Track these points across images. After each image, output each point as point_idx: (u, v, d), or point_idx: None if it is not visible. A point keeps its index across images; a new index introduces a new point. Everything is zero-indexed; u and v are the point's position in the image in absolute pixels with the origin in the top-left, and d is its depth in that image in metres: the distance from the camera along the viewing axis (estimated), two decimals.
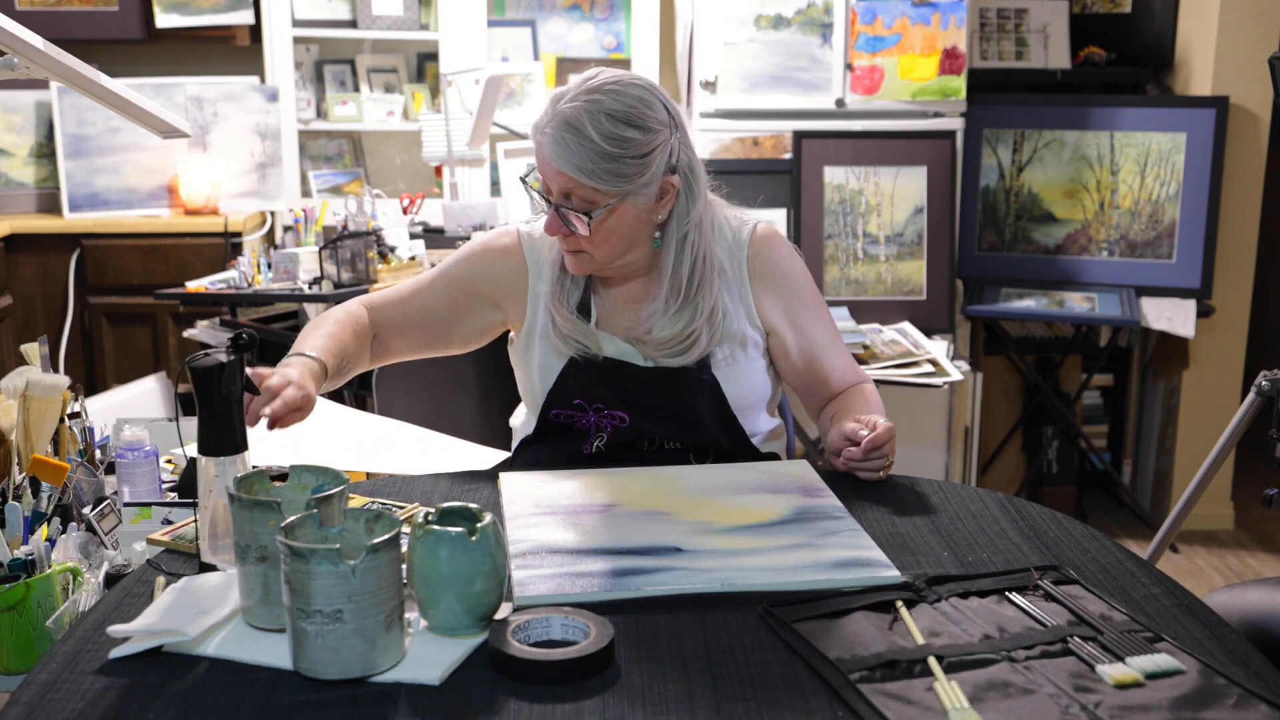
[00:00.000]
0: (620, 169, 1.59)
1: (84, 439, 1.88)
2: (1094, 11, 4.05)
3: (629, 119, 1.58)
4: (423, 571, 1.14)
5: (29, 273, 3.77)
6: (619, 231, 1.64)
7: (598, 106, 1.58)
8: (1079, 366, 4.06)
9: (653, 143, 1.60)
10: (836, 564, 1.30)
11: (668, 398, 1.71)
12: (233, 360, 1.28)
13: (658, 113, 1.62)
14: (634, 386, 1.71)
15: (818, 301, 1.81)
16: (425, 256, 3.27)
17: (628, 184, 1.60)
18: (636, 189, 1.61)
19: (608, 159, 1.58)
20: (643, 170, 1.60)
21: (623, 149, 1.58)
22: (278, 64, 3.91)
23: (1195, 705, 1.03)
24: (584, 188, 1.59)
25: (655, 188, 1.63)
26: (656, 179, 1.63)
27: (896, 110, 3.52)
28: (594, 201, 1.60)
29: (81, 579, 1.47)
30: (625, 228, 1.64)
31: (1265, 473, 3.96)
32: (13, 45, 1.73)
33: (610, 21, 4.02)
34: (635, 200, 1.62)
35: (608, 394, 1.71)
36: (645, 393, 1.71)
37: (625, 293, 1.75)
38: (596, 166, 1.57)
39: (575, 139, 1.57)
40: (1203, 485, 2.78)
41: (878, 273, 3.53)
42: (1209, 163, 3.60)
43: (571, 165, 1.58)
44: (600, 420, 1.73)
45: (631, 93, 1.60)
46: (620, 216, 1.63)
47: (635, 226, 1.65)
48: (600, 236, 1.63)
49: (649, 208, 1.65)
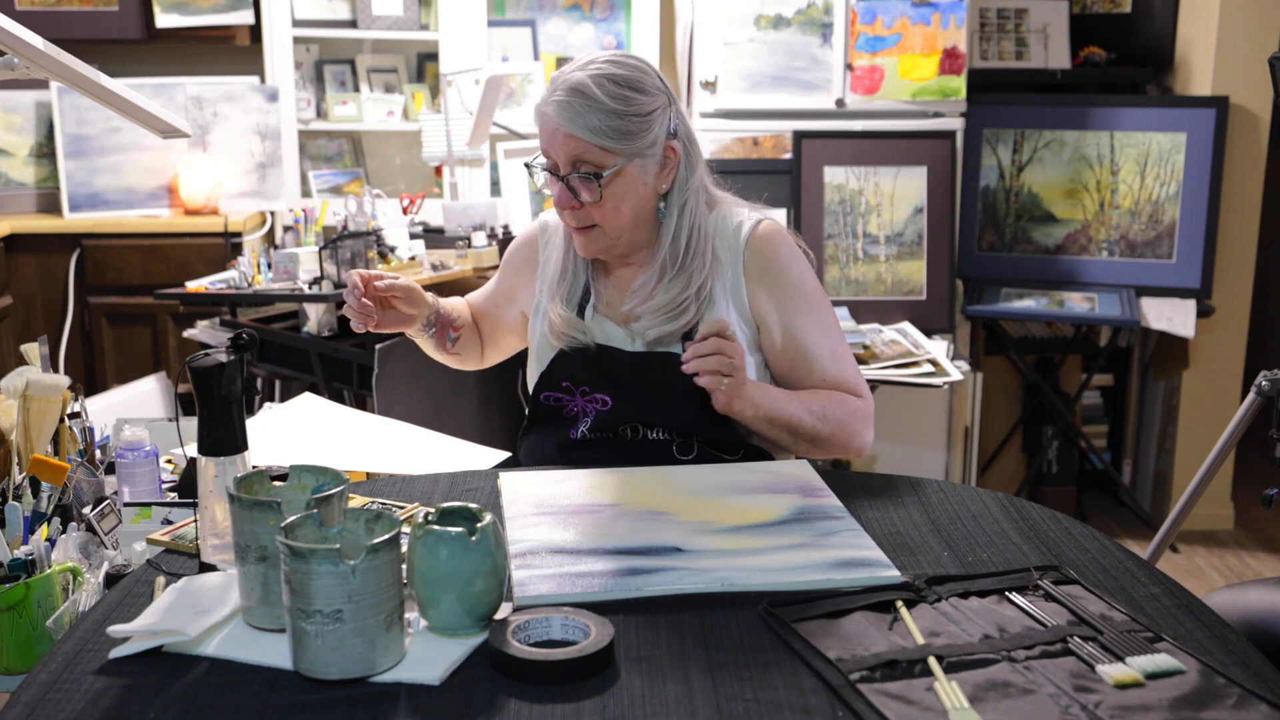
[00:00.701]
0: (626, 127, 1.66)
1: (84, 439, 1.88)
2: (1094, 11, 4.05)
3: (629, 83, 1.67)
4: (423, 571, 1.14)
5: (29, 273, 3.77)
6: (628, 198, 1.70)
7: (600, 72, 1.66)
8: (1079, 366, 4.06)
9: (654, 104, 1.68)
10: (836, 564, 1.30)
11: (650, 382, 1.74)
12: (233, 360, 1.28)
13: (655, 81, 1.71)
14: (619, 371, 1.76)
15: (814, 304, 1.79)
16: (425, 257, 3.27)
17: (633, 143, 1.67)
18: (641, 149, 1.68)
19: (614, 116, 1.65)
20: (646, 129, 1.67)
21: (627, 107, 1.65)
22: (278, 64, 3.91)
23: (1195, 705, 1.03)
24: (592, 149, 1.66)
25: (659, 151, 1.70)
26: (660, 141, 1.70)
27: (896, 110, 3.52)
28: (602, 164, 1.67)
29: (81, 579, 1.47)
30: (633, 194, 1.70)
31: (1265, 473, 3.97)
32: (13, 45, 1.73)
33: (610, 21, 4.02)
34: (641, 164, 1.69)
35: (593, 377, 1.77)
36: (628, 376, 1.75)
37: (623, 277, 1.81)
38: (604, 124, 1.64)
39: (582, 101, 1.64)
40: (1203, 485, 2.78)
41: (878, 273, 3.53)
42: (1209, 163, 3.60)
43: (580, 126, 1.64)
44: (585, 405, 1.77)
45: (629, 62, 1.70)
46: (628, 180, 1.69)
47: (641, 194, 1.71)
48: (610, 204, 1.69)
49: (655, 173, 1.71)
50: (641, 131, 1.67)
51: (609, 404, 1.76)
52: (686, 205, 1.75)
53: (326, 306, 3.14)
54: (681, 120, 1.74)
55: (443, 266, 3.23)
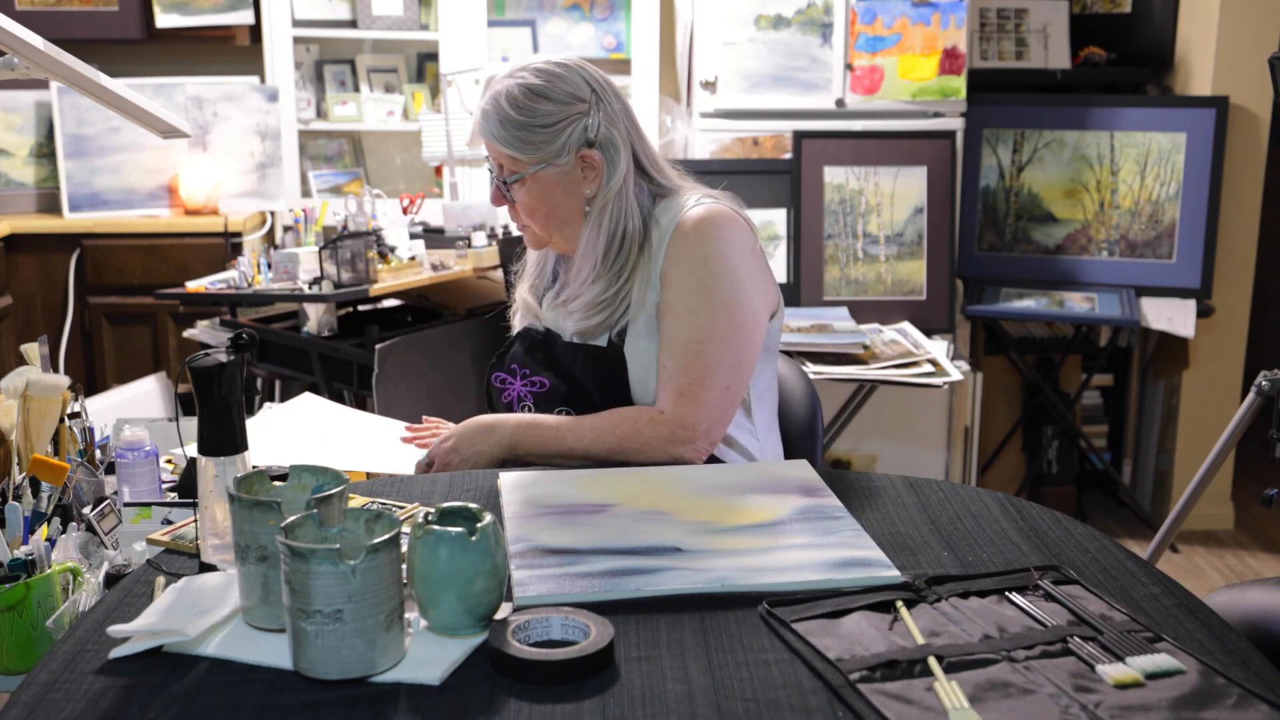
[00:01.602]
0: (529, 137, 1.73)
1: (84, 439, 1.88)
2: (1094, 11, 4.05)
3: (542, 92, 1.73)
4: (423, 571, 1.14)
5: (29, 273, 3.77)
6: (546, 202, 1.77)
7: (516, 82, 1.74)
8: (1079, 366, 4.06)
9: (560, 114, 1.73)
10: (836, 564, 1.30)
11: (575, 369, 1.79)
12: (233, 360, 1.28)
13: (574, 89, 1.74)
14: (556, 355, 1.81)
15: (698, 293, 1.71)
16: (425, 257, 3.27)
17: (538, 152, 1.74)
18: (547, 157, 1.74)
19: (517, 127, 1.73)
20: (550, 139, 1.73)
21: (531, 118, 1.72)
22: (278, 64, 3.91)
23: (1195, 705, 1.03)
24: (505, 156, 1.76)
25: (570, 159, 1.75)
26: (569, 150, 1.74)
27: (896, 110, 3.52)
28: (514, 170, 1.76)
29: (81, 579, 1.47)
30: (551, 198, 1.77)
31: (1265, 473, 3.97)
32: (13, 45, 1.73)
33: (610, 21, 4.02)
34: (553, 171, 1.75)
35: (536, 361, 1.83)
36: (563, 362, 1.80)
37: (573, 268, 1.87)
38: (509, 134, 1.73)
39: (494, 110, 1.74)
40: (1203, 485, 2.78)
41: (878, 273, 3.53)
42: (1209, 163, 3.60)
43: (490, 134, 1.75)
44: (523, 389, 1.83)
45: (551, 70, 1.75)
46: (543, 186, 1.76)
47: (561, 198, 1.77)
48: (530, 205, 1.78)
49: (574, 180, 1.76)
50: (544, 142, 1.73)
51: (546, 385, 1.81)
52: (608, 210, 1.77)
53: (326, 306, 3.14)
54: (609, 125, 1.75)
55: (443, 266, 3.23)
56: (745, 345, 1.74)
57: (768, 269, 1.83)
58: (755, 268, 1.78)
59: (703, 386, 1.70)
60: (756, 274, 1.78)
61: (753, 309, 1.75)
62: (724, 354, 1.71)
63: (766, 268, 1.83)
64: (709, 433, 1.71)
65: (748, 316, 1.74)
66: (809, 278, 3.49)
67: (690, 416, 1.69)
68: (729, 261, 1.73)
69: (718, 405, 1.71)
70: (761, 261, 1.81)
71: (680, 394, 1.70)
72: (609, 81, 1.79)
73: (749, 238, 1.79)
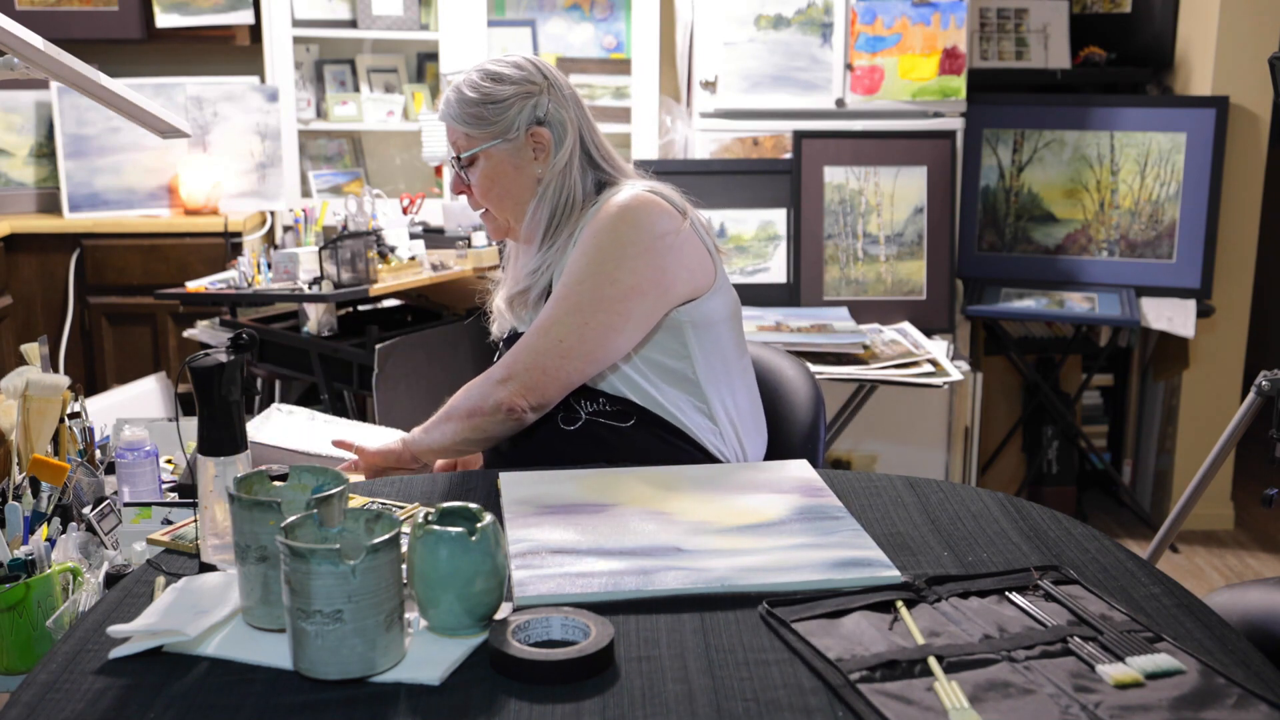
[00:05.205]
0: (482, 113, 1.82)
1: (84, 439, 1.88)
2: (1094, 11, 4.05)
3: (494, 76, 1.83)
4: (423, 571, 1.14)
5: (29, 273, 3.77)
6: (499, 182, 1.84)
7: (475, 69, 1.85)
8: (1079, 366, 4.06)
9: (511, 93, 1.82)
10: (836, 564, 1.30)
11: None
12: (233, 360, 1.28)
13: (528, 74, 1.84)
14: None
15: (582, 278, 1.75)
16: (425, 257, 3.27)
17: (491, 127, 1.82)
18: (498, 132, 1.82)
19: (471, 104, 1.82)
20: (501, 115, 1.82)
21: (484, 96, 1.82)
22: (278, 64, 3.91)
23: (1195, 705, 1.03)
24: (460, 135, 1.85)
25: (521, 136, 1.82)
26: (519, 127, 1.82)
27: (896, 110, 3.52)
28: (468, 147, 1.84)
29: (81, 579, 1.48)
30: (504, 178, 1.84)
31: (1265, 473, 3.97)
32: (13, 45, 1.73)
33: (610, 21, 4.02)
34: (505, 148, 1.83)
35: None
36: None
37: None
38: (463, 112, 1.83)
39: (453, 94, 1.85)
40: (1203, 485, 2.78)
41: (878, 273, 3.53)
42: (1209, 163, 3.60)
43: (448, 116, 1.85)
44: None
45: (507, 59, 1.86)
46: (495, 163, 1.84)
47: (513, 176, 1.84)
48: (484, 185, 1.85)
49: (525, 159, 1.83)
50: (495, 117, 1.81)
51: None
52: (551, 186, 1.84)
53: (326, 306, 3.14)
54: (559, 108, 1.83)
55: (443, 266, 3.23)
56: (602, 312, 1.73)
57: (694, 252, 1.80)
58: (664, 249, 1.76)
59: (535, 335, 1.76)
60: (663, 255, 1.76)
61: (628, 284, 1.73)
62: (572, 315, 1.73)
63: (691, 251, 1.79)
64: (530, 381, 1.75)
65: (619, 291, 1.73)
66: (809, 278, 3.49)
67: (513, 365, 1.75)
68: (622, 238, 1.75)
69: (549, 355, 1.74)
70: (684, 245, 1.78)
71: (516, 349, 1.77)
72: (564, 77, 1.89)
73: (667, 222, 1.77)
